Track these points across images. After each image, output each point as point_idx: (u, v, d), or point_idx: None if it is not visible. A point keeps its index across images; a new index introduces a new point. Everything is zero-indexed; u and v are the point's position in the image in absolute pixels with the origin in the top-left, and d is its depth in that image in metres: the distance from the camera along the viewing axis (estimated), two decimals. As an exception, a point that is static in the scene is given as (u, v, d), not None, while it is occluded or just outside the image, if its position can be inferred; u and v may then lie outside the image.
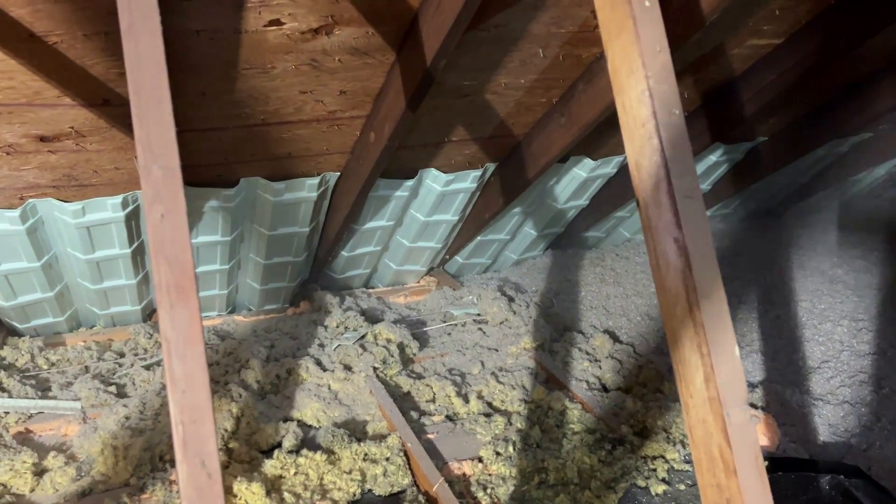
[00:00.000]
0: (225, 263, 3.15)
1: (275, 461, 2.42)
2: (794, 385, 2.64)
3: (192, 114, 2.31)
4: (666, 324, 1.33)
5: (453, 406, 2.85)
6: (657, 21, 1.32)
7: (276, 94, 2.31)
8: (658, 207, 1.30)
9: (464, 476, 2.50)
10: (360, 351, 3.04)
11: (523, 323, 3.43)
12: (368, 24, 2.09)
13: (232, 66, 2.14)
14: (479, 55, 2.36)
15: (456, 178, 3.13)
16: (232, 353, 3.05)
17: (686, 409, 1.31)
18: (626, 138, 1.37)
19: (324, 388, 2.85)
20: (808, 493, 2.15)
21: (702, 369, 1.25)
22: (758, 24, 2.53)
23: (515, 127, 2.92)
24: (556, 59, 2.47)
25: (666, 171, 1.27)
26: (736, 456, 1.21)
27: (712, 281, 1.25)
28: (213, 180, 2.71)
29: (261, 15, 1.95)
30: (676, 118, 1.30)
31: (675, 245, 1.27)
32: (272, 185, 2.77)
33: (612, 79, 1.39)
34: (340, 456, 2.48)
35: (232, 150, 2.56)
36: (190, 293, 0.98)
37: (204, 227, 2.92)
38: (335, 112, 2.48)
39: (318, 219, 3.09)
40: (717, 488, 1.25)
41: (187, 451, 0.93)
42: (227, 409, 2.67)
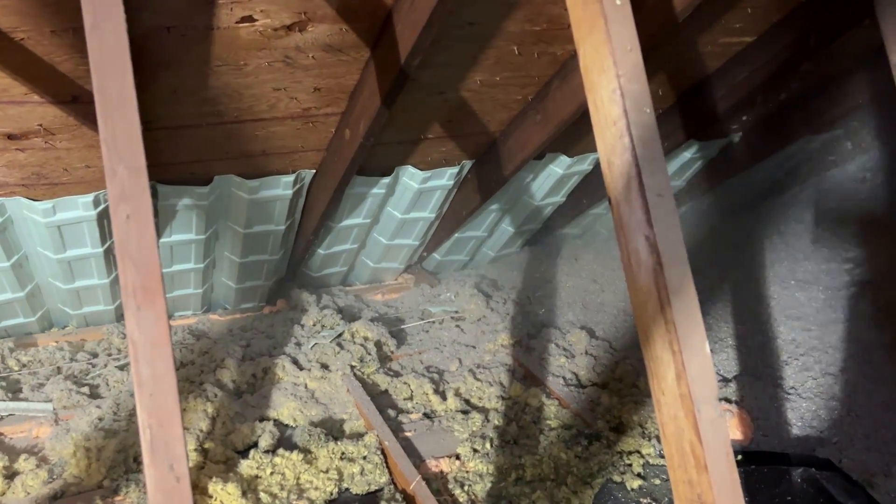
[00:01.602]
0: (199, 262, 3.12)
1: (251, 461, 2.41)
2: (768, 379, 2.67)
3: (163, 111, 2.28)
4: (638, 321, 1.34)
5: (431, 403, 2.85)
6: (628, 20, 1.32)
7: (249, 91, 2.29)
8: (629, 205, 1.30)
9: (441, 474, 2.50)
10: (337, 349, 3.03)
11: (500, 319, 3.43)
12: (342, 21, 2.08)
13: (204, 63, 2.11)
14: (454, 52, 2.36)
15: (433, 175, 3.13)
16: (207, 353, 3.02)
17: (658, 406, 1.32)
18: (597, 136, 1.38)
19: (300, 387, 2.84)
20: (781, 486, 2.18)
21: (673, 366, 1.26)
22: (730, 22, 2.55)
23: (491, 124, 2.92)
24: (530, 57, 2.47)
25: (637, 169, 1.28)
26: (707, 452, 1.22)
27: (683, 279, 1.26)
28: (187, 178, 2.68)
29: (233, 11, 1.93)
30: (647, 117, 1.30)
31: (647, 243, 1.28)
32: (247, 182, 2.75)
33: (584, 77, 1.39)
34: (317, 455, 2.47)
35: (205, 147, 2.53)
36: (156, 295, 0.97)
37: (178, 225, 2.89)
38: (309, 109, 2.46)
39: (293, 216, 3.07)
40: (689, 484, 1.27)
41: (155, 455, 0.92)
42: (203, 409, 2.65)
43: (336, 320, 3.28)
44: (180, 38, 1.98)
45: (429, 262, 4.01)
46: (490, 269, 4.07)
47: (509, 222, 3.81)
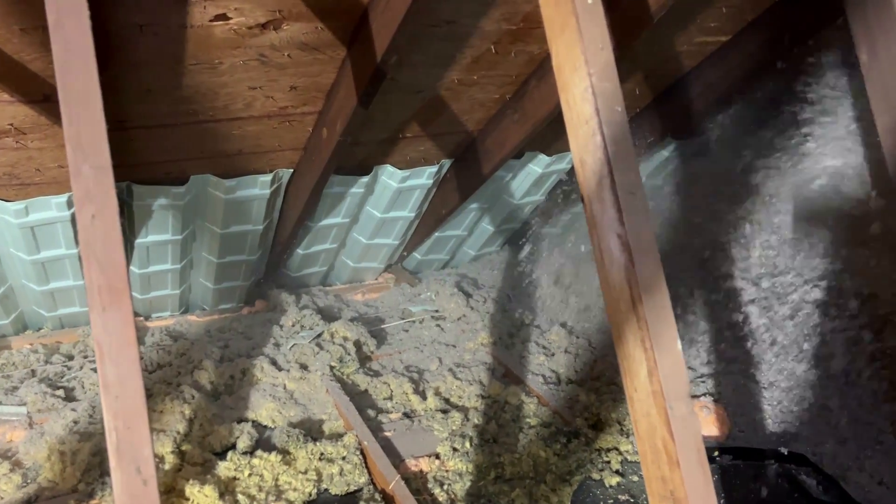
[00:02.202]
0: (177, 263, 3.09)
1: (228, 463, 2.39)
2: (744, 374, 2.70)
3: (137, 110, 2.25)
4: (611, 319, 1.35)
5: (410, 403, 2.85)
6: (600, 19, 1.33)
7: (224, 90, 2.27)
8: (601, 203, 1.31)
9: (421, 473, 2.50)
10: (317, 350, 3.01)
11: (481, 318, 3.44)
12: (317, 20, 2.07)
13: (178, 62, 2.10)
14: (432, 51, 2.36)
15: (412, 174, 3.12)
16: (185, 354, 2.99)
17: (631, 403, 1.33)
18: (570, 135, 1.38)
19: (279, 388, 2.82)
20: (757, 481, 2.20)
21: (645, 363, 1.27)
22: (705, 21, 2.57)
23: (470, 123, 2.92)
24: (508, 56, 2.48)
25: (609, 167, 1.29)
26: (679, 448, 1.23)
27: (654, 276, 1.26)
28: (162, 178, 2.65)
29: (206, 10, 1.92)
30: (619, 115, 1.31)
31: (619, 241, 1.28)
32: (223, 182, 2.73)
33: (557, 76, 1.39)
34: (296, 456, 2.46)
35: (180, 147, 2.51)
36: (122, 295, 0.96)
37: (154, 225, 2.86)
38: (286, 108, 2.45)
39: (271, 216, 3.05)
40: (662, 480, 1.27)
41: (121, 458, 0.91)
42: (180, 410, 2.62)
43: (315, 320, 3.26)
44: (153, 36, 1.96)
45: (409, 262, 4.01)
46: (470, 268, 4.07)
47: (489, 221, 3.81)
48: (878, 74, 1.65)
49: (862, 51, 1.68)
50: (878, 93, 1.64)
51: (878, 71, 1.65)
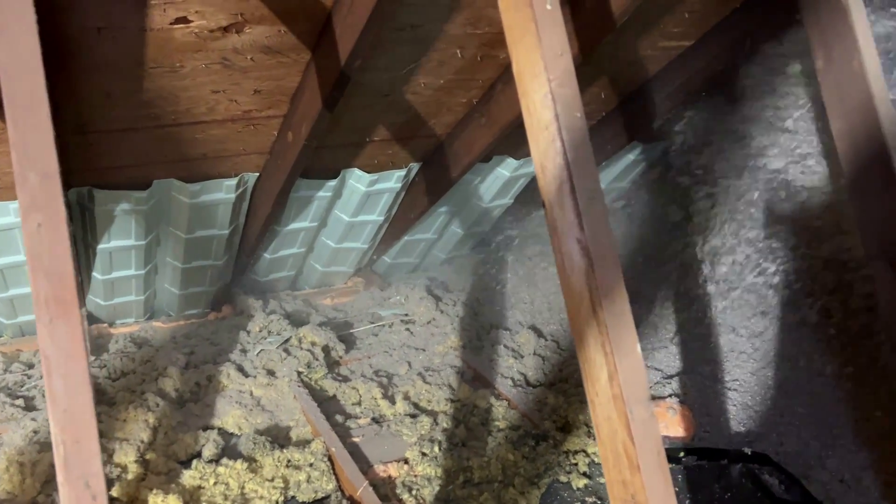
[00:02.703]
0: (140, 268, 3.04)
1: (193, 471, 2.36)
2: (708, 375, 2.73)
3: (97, 115, 2.22)
4: (572, 323, 1.35)
5: (379, 408, 2.83)
6: (559, 24, 1.33)
7: (186, 94, 2.24)
8: (562, 209, 1.31)
9: (389, 478, 2.49)
10: (284, 355, 2.98)
11: (450, 322, 3.43)
12: (280, 23, 2.05)
13: (138, 65, 2.06)
14: (397, 55, 2.35)
15: (380, 178, 3.11)
16: (149, 361, 2.95)
17: (592, 407, 1.34)
18: (531, 140, 1.38)
19: (246, 395, 2.79)
20: (721, 481, 2.23)
21: (605, 368, 1.27)
22: (668, 26, 2.59)
23: (437, 127, 2.92)
24: (474, 60, 2.48)
25: (569, 173, 1.29)
26: (639, 452, 1.24)
27: (614, 281, 1.27)
28: (124, 182, 2.61)
29: (166, 13, 1.89)
30: (578, 121, 1.31)
31: (579, 245, 1.29)
32: (187, 186, 2.69)
33: (517, 82, 1.40)
34: (262, 463, 2.43)
35: (142, 151, 2.47)
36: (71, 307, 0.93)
37: (116, 231, 2.81)
38: (250, 111, 2.43)
39: (237, 221, 3.01)
40: (623, 484, 1.28)
41: (70, 473, 0.89)
42: (144, 419, 2.58)
43: (283, 325, 3.23)
44: (112, 40, 1.92)
45: (379, 266, 3.99)
46: (440, 272, 4.07)
47: (458, 224, 3.81)
48: (832, 80, 1.67)
49: (817, 57, 1.71)
50: (833, 98, 1.67)
51: (832, 76, 1.68)
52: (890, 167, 1.55)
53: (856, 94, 1.61)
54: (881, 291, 1.67)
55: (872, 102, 1.57)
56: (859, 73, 1.59)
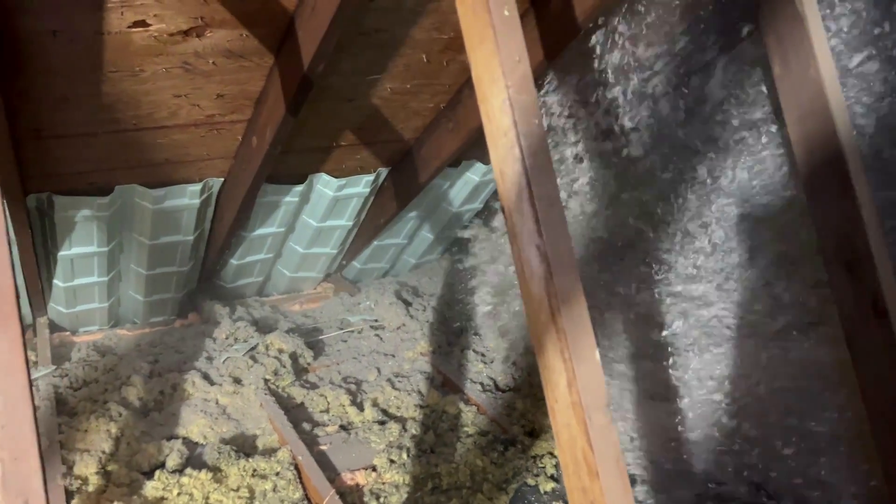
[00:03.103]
0: (103, 275, 2.99)
1: (156, 482, 2.32)
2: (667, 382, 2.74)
3: (54, 119, 2.17)
4: (531, 330, 1.35)
5: (348, 415, 2.81)
6: (517, 31, 1.33)
7: (147, 98, 2.21)
8: (521, 215, 1.31)
9: (357, 486, 2.47)
10: (251, 363, 2.95)
11: (420, 327, 3.42)
12: (242, 27, 2.03)
13: (96, 69, 2.03)
14: (362, 59, 2.34)
15: (348, 182, 3.09)
16: (112, 370, 2.89)
17: (552, 414, 1.33)
18: (490, 146, 1.38)
19: (211, 403, 2.75)
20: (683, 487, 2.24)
21: (564, 374, 1.27)
22: (633, 32, 2.61)
23: (405, 131, 2.90)
24: (440, 65, 2.47)
25: (527, 179, 1.29)
26: (598, 459, 1.24)
27: (573, 287, 1.27)
28: (85, 188, 2.56)
29: (123, 16, 1.86)
30: (537, 127, 1.31)
31: (538, 252, 1.29)
32: (150, 192, 2.65)
33: (476, 87, 1.39)
34: (227, 473, 2.40)
35: (103, 156, 2.43)
36: (10, 318, 0.91)
37: (78, 237, 2.76)
38: (213, 116, 2.40)
39: (202, 226, 2.97)
40: (583, 491, 1.28)
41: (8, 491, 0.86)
42: (106, 429, 2.53)
43: (250, 332, 3.19)
44: (68, 43, 1.89)
45: (349, 271, 3.97)
46: (410, 277, 4.05)
47: (429, 229, 3.80)
48: (789, 87, 1.70)
49: (775, 64, 1.73)
50: (791, 104, 1.70)
51: (789, 84, 1.70)
52: (845, 173, 1.57)
53: (812, 100, 1.63)
54: (838, 295, 1.69)
55: (828, 109, 1.59)
56: (815, 79, 1.61)
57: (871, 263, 1.58)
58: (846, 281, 1.67)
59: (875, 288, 1.59)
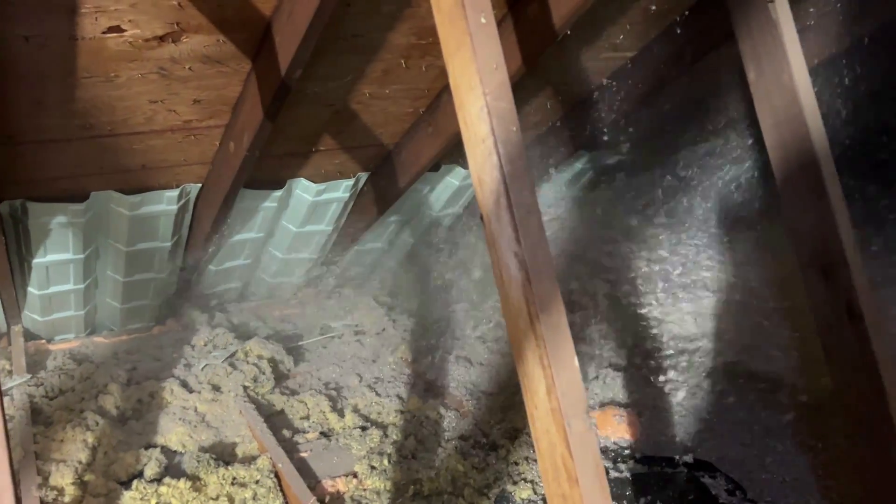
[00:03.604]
0: (79, 283, 2.95)
1: (134, 492, 2.30)
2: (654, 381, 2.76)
3: (27, 125, 2.14)
4: (511, 337, 1.35)
5: (328, 421, 2.79)
6: (493, 38, 1.33)
7: (122, 104, 2.18)
8: (499, 222, 1.31)
9: (338, 493, 2.45)
10: (230, 370, 2.92)
11: (401, 332, 3.42)
12: (219, 32, 2.01)
13: (70, 74, 2.00)
14: (340, 64, 2.33)
15: (327, 187, 3.07)
16: (89, 378, 2.86)
17: (532, 421, 1.33)
18: (468, 153, 1.38)
19: (190, 411, 2.72)
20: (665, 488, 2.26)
21: (544, 381, 1.27)
22: (611, 37, 2.62)
23: (384, 136, 2.90)
24: (419, 70, 2.47)
25: (505, 186, 1.29)
26: (577, 465, 1.24)
27: (551, 294, 1.27)
28: (60, 195, 2.52)
29: (98, 21, 1.83)
30: (514, 135, 1.31)
31: (516, 259, 1.29)
32: (126, 198, 2.62)
33: (454, 94, 1.39)
34: (206, 482, 2.37)
35: (78, 162, 2.39)
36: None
37: (53, 244, 2.72)
38: (190, 122, 2.37)
39: (180, 232, 2.94)
40: (563, 497, 1.28)
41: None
42: (82, 438, 2.50)
43: (229, 339, 3.17)
44: (40, 48, 1.86)
45: (329, 276, 3.95)
46: (391, 281, 4.04)
47: (409, 234, 3.79)
48: (764, 93, 1.71)
49: (750, 70, 1.75)
50: (765, 110, 1.71)
51: (764, 90, 1.71)
52: (819, 177, 1.59)
53: (786, 106, 1.65)
54: (812, 298, 1.71)
55: (802, 115, 1.61)
56: (789, 86, 1.63)
57: (846, 268, 1.60)
58: (821, 285, 1.69)
59: (849, 292, 1.61)
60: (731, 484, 2.24)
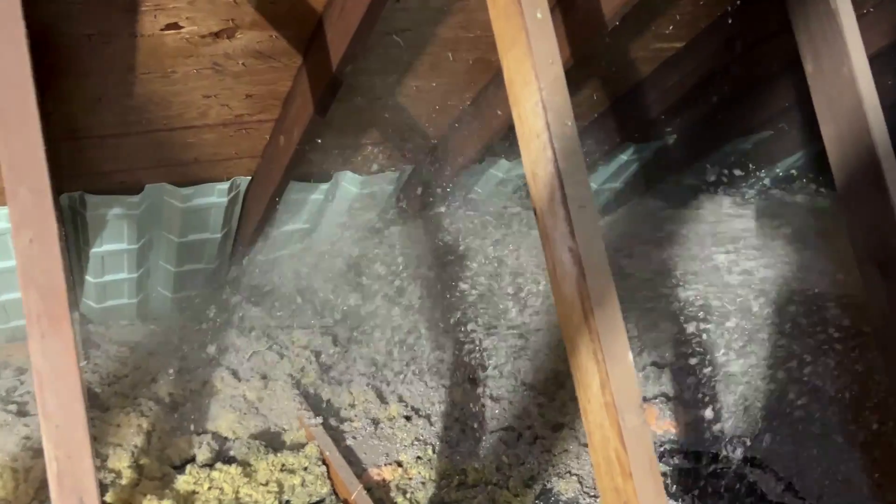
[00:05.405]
0: (133, 272, 3.03)
1: (187, 476, 2.36)
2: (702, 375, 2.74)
3: (88, 120, 2.21)
4: (563, 331, 1.36)
5: (373, 410, 2.83)
6: (549, 33, 1.33)
7: (178, 99, 2.24)
8: (553, 217, 1.32)
9: (383, 481, 2.49)
10: (277, 359, 2.98)
11: (447, 321, 3.43)
12: (272, 28, 2.05)
13: (129, 71, 2.06)
14: (389, 59, 2.35)
15: (372, 179, 3.11)
16: (142, 366, 2.94)
17: (584, 414, 1.34)
18: (522, 148, 1.39)
19: (239, 399, 2.78)
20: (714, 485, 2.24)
21: (597, 375, 1.28)
22: (660, 28, 2.60)
23: (430, 129, 2.92)
24: (465, 63, 2.48)
25: (560, 181, 1.29)
26: (631, 459, 1.24)
27: (605, 289, 1.28)
28: (117, 187, 2.60)
29: (157, 19, 1.89)
30: (569, 129, 1.32)
31: (570, 254, 1.29)
32: (180, 190, 2.68)
33: (508, 89, 1.40)
34: (256, 468, 2.43)
35: (134, 156, 2.46)
36: (62, 322, 0.93)
37: (109, 235, 2.80)
38: (242, 116, 2.42)
39: (230, 224, 3.01)
40: (615, 491, 1.29)
41: (63, 488, 0.89)
42: (137, 424, 2.58)
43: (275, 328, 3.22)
44: (103, 46, 1.92)
45: (372, 266, 3.98)
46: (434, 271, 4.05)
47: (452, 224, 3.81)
48: (822, 85, 1.68)
49: (807, 62, 1.72)
50: (823, 103, 1.68)
51: (822, 82, 1.68)
52: (879, 172, 1.56)
53: (845, 99, 1.61)
54: (871, 295, 1.68)
55: (862, 108, 1.57)
56: (849, 78, 1.59)
57: (905, 263, 1.57)
58: (878, 280, 1.66)
59: (908, 288, 1.58)
60: (781, 481, 2.21)
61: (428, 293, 3.73)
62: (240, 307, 3.42)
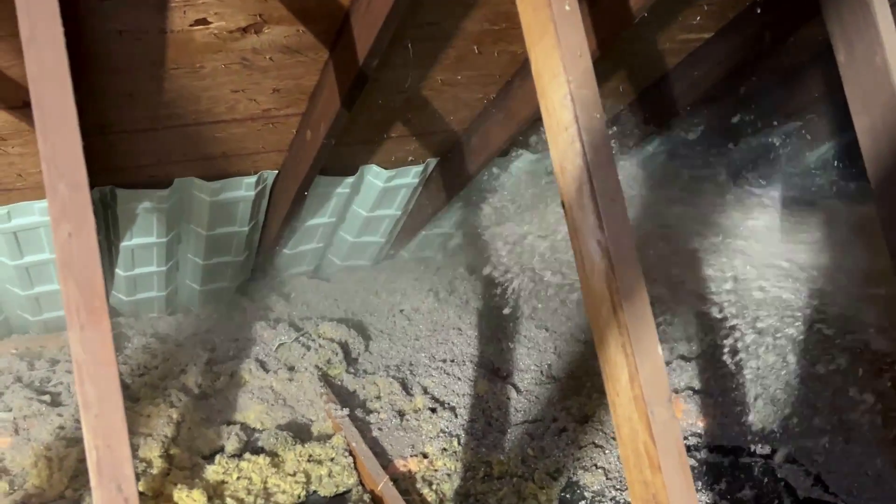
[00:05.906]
0: (162, 265, 3.08)
1: (217, 466, 2.40)
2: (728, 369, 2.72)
3: (119, 115, 2.24)
4: (592, 324, 1.36)
5: (399, 402, 2.85)
6: (577, 26, 1.33)
7: (206, 94, 2.26)
8: (582, 210, 1.31)
9: (409, 473, 2.51)
10: (304, 350, 3.01)
11: (472, 314, 3.44)
12: (299, 23, 2.06)
13: (159, 67, 2.08)
14: (414, 52, 2.35)
15: (397, 173, 3.12)
16: (171, 357, 2.99)
17: (613, 408, 1.34)
18: (550, 141, 1.39)
19: (267, 390, 2.82)
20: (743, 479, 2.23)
21: (626, 369, 1.28)
22: (687, 19, 2.57)
23: (454, 122, 2.92)
24: (491, 56, 2.47)
25: (588, 174, 1.29)
26: (660, 452, 1.24)
27: (635, 282, 1.27)
28: (146, 181, 2.64)
29: (186, 14, 1.91)
30: (598, 122, 1.31)
31: (599, 247, 1.29)
32: (208, 184, 2.72)
33: (536, 82, 1.40)
34: (284, 458, 2.46)
35: (164, 150, 2.50)
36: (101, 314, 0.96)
37: (138, 229, 2.85)
38: (269, 110, 2.44)
39: (257, 218, 3.04)
40: (644, 484, 1.29)
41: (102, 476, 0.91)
42: (167, 414, 2.62)
43: (301, 321, 3.25)
44: (133, 41, 1.94)
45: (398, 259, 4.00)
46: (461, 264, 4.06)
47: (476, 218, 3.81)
48: (854, 76, 1.66)
49: (839, 52, 1.69)
50: (856, 94, 1.65)
51: (854, 73, 1.66)
52: (914, 164, 1.54)
53: (879, 90, 1.59)
54: (904, 289, 1.65)
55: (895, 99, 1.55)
56: (882, 68, 1.57)
57: (940, 257, 1.54)
58: (912, 274, 1.63)
59: (943, 282, 1.55)
60: (811, 477, 2.19)
61: (452, 285, 3.74)
62: (267, 299, 3.47)
